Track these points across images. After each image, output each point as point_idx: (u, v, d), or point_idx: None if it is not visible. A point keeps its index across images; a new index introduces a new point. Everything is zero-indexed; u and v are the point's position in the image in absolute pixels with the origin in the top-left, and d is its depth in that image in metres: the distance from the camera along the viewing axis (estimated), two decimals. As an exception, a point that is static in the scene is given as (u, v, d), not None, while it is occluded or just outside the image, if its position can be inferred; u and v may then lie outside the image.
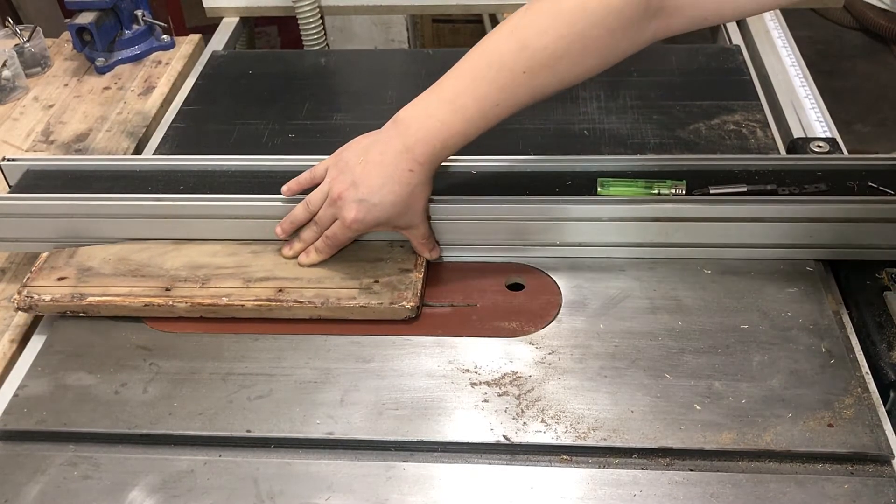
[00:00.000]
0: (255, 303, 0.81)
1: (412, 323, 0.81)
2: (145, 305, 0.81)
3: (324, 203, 0.82)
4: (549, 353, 0.76)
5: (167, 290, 0.82)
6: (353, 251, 0.85)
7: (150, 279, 0.84)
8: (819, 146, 0.98)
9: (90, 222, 0.88)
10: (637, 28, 0.75)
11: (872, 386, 0.73)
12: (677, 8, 0.74)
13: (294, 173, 0.86)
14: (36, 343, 0.83)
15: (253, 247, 0.87)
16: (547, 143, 1.04)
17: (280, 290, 0.82)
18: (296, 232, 0.85)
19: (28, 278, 0.85)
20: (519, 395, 0.73)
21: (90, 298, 0.82)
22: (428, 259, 0.85)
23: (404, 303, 0.80)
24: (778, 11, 1.33)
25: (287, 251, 0.86)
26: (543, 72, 0.75)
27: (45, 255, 0.88)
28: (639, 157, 0.95)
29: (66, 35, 1.37)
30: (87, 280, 0.84)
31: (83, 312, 0.83)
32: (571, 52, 0.75)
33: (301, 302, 0.81)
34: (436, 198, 0.85)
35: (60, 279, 0.84)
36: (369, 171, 0.78)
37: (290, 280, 0.83)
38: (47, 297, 0.82)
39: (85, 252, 0.88)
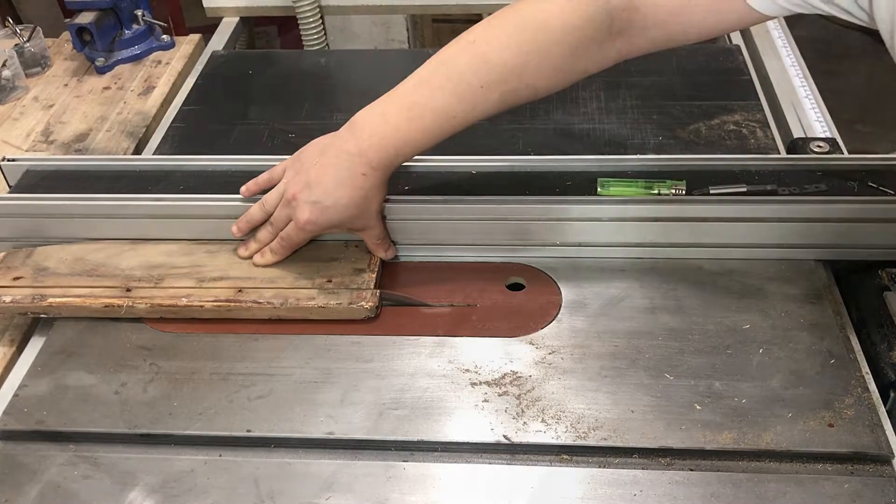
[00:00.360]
0: (214, 303, 0.81)
1: (412, 323, 0.81)
2: (105, 307, 0.81)
3: (279, 203, 0.82)
4: (550, 353, 0.76)
5: (127, 290, 0.82)
6: (308, 250, 0.85)
7: (106, 279, 0.84)
8: (819, 146, 0.98)
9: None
10: (599, 47, 0.76)
11: (872, 386, 0.73)
12: (643, 29, 0.75)
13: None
14: (36, 343, 0.83)
15: (208, 247, 0.87)
16: (547, 143, 1.04)
17: (239, 291, 0.82)
18: (252, 232, 0.85)
19: None
20: (519, 394, 0.73)
21: (50, 300, 0.82)
22: (383, 259, 0.85)
23: (363, 303, 0.80)
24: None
25: (243, 251, 0.86)
26: (502, 87, 0.76)
27: (1, 255, 0.88)
28: (639, 157, 0.95)
29: (66, 35, 1.37)
30: (42, 280, 0.84)
31: (44, 314, 0.83)
32: (531, 69, 0.75)
33: (260, 302, 0.81)
34: (435, 198, 0.85)
35: (16, 279, 0.84)
36: (324, 173, 0.78)
37: (244, 280, 0.83)
38: (7, 299, 0.82)
39: (42, 252, 0.87)
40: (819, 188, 0.85)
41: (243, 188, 0.85)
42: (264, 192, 0.84)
